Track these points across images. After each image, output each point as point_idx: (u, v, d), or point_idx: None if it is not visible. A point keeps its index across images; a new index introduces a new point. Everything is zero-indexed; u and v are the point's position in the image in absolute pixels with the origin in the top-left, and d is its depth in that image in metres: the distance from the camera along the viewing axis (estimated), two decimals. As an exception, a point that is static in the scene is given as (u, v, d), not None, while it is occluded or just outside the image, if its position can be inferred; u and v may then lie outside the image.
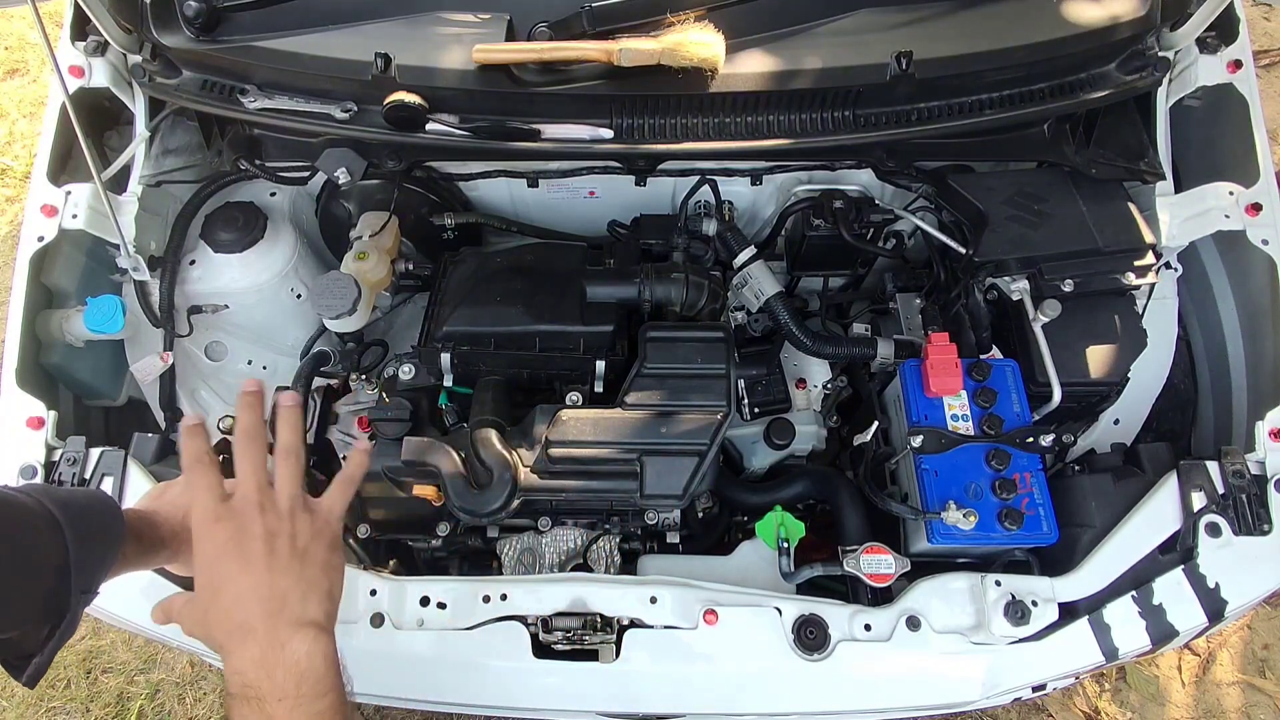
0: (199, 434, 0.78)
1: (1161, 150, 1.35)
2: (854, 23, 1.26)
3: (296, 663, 0.69)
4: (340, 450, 1.27)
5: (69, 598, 0.80)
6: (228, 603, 0.72)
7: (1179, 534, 1.11)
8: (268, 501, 0.76)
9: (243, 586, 0.72)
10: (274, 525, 0.74)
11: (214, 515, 0.75)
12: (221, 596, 0.73)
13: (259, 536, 0.73)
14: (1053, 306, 1.23)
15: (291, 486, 0.78)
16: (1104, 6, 1.27)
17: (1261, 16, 3.20)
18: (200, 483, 0.76)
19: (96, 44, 1.37)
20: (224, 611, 0.72)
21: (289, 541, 0.74)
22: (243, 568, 0.72)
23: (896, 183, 1.42)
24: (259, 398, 0.81)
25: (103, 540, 0.86)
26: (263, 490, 0.76)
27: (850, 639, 1.08)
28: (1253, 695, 1.97)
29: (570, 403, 1.20)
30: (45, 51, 1.39)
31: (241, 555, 0.73)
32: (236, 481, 0.77)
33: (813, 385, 1.47)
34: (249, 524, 0.74)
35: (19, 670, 0.78)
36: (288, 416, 0.82)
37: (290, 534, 0.75)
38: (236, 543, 0.73)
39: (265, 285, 1.43)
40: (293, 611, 0.72)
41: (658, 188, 1.50)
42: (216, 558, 0.74)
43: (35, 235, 1.28)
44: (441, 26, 1.26)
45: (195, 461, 0.77)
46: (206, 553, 0.75)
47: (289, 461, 0.79)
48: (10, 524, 0.77)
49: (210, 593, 0.74)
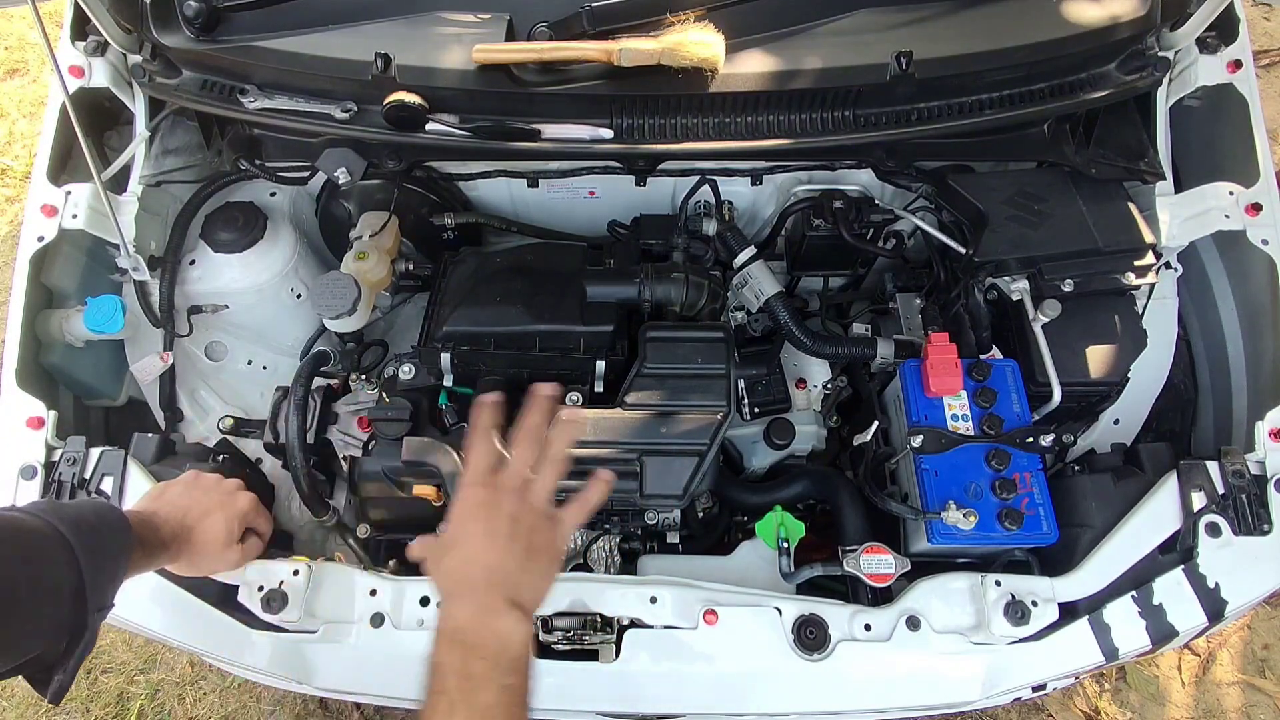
0: (496, 411, 0.89)
1: (1161, 150, 1.35)
2: (854, 23, 1.26)
3: (501, 634, 0.75)
4: (341, 450, 1.27)
5: (87, 616, 0.81)
6: (462, 556, 0.80)
7: (1179, 534, 1.11)
8: (526, 491, 0.83)
9: (479, 549, 0.79)
10: (521, 512, 0.81)
11: (481, 480, 0.83)
12: (460, 549, 0.80)
13: (507, 515, 0.80)
14: (1053, 306, 1.23)
15: (547, 490, 0.84)
16: (1104, 6, 1.27)
17: (1262, 16, 3.20)
18: (481, 448, 0.85)
19: (96, 44, 1.37)
20: (458, 562, 0.80)
21: (528, 532, 0.81)
22: (485, 534, 0.79)
23: (896, 183, 1.42)
24: (551, 404, 0.89)
25: (113, 555, 0.88)
26: (526, 480, 0.84)
27: (850, 639, 1.08)
28: (1253, 695, 1.97)
29: (570, 403, 1.20)
30: (45, 51, 1.39)
31: (488, 523, 0.80)
32: (508, 463, 0.85)
33: (813, 385, 1.48)
34: (504, 501, 0.81)
35: (43, 685, 0.80)
36: (565, 430, 0.90)
37: (531, 526, 0.81)
38: (489, 511, 0.81)
39: (265, 285, 1.43)
40: (510, 589, 0.78)
41: (658, 188, 1.50)
42: (469, 516, 0.81)
43: (35, 235, 1.28)
44: (441, 26, 1.26)
45: (484, 430, 0.87)
46: (462, 509, 0.82)
47: (554, 469, 0.86)
48: (25, 551, 0.79)
49: (452, 542, 0.81)
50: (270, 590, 1.09)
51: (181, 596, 1.11)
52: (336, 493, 1.35)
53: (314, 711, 1.95)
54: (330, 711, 1.95)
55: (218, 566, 1.09)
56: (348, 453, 1.26)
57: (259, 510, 1.15)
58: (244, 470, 1.29)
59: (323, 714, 1.95)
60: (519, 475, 0.84)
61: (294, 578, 1.10)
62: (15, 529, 0.79)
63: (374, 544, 1.35)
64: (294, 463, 1.21)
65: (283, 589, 1.09)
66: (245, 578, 1.10)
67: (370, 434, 1.24)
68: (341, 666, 1.10)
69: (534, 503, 0.83)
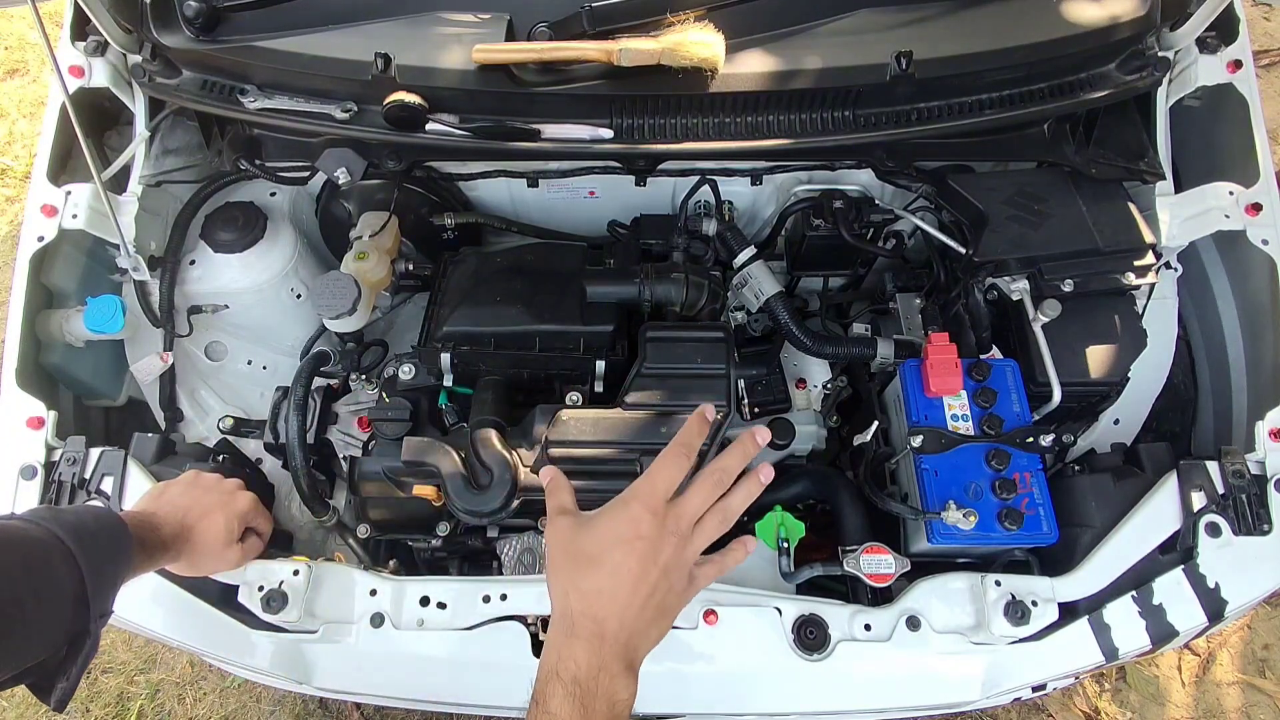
0: (707, 426, 0.82)
1: (1161, 150, 1.35)
2: (854, 23, 1.26)
3: (616, 699, 0.71)
4: (341, 450, 1.27)
5: (89, 623, 0.81)
6: (602, 591, 0.74)
7: (1179, 534, 1.11)
8: (687, 542, 0.77)
9: (622, 593, 0.73)
10: (674, 566, 0.76)
11: (655, 507, 0.76)
12: (603, 577, 0.74)
13: (662, 566, 0.74)
14: (1053, 306, 1.22)
15: (703, 546, 0.79)
16: (1104, 6, 1.27)
17: (1262, 16, 3.20)
18: (671, 468, 0.78)
19: (96, 44, 1.37)
20: (594, 593, 0.74)
21: (667, 591, 0.76)
22: (636, 577, 0.74)
23: (896, 183, 1.42)
24: (754, 445, 0.82)
25: (114, 562, 0.88)
26: (691, 526, 0.77)
27: (850, 639, 1.08)
28: (1253, 695, 1.97)
29: (570, 403, 1.20)
30: (45, 51, 1.39)
31: (642, 566, 0.74)
32: (684, 499, 0.78)
33: (813, 385, 1.47)
34: (666, 545, 0.75)
35: (46, 693, 0.80)
36: (753, 488, 0.82)
37: (671, 586, 0.76)
38: (648, 550, 0.74)
39: (265, 285, 1.43)
40: (633, 651, 0.74)
41: (658, 188, 1.50)
42: (628, 545, 0.74)
43: (35, 235, 1.28)
44: (441, 26, 1.26)
45: (685, 449, 0.79)
46: (622, 527, 0.75)
47: (721, 527, 0.80)
48: (27, 560, 0.79)
49: (597, 558, 0.75)
50: (270, 590, 1.09)
51: (181, 596, 1.11)
52: (336, 493, 1.35)
53: (314, 711, 1.95)
54: (330, 711, 1.95)
55: (218, 566, 1.09)
56: (348, 453, 1.26)
57: (259, 510, 1.15)
58: (244, 470, 1.29)
59: (323, 714, 1.95)
60: (690, 520, 0.78)
61: (294, 578, 1.10)
62: (16, 538, 0.79)
63: (374, 544, 1.35)
64: (294, 463, 1.21)
65: (283, 589, 1.09)
66: (245, 578, 1.10)
67: (370, 434, 1.24)
68: (341, 666, 1.10)
69: (688, 558, 0.77)
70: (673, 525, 0.76)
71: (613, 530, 0.76)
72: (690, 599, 0.80)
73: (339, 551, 1.30)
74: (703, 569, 0.81)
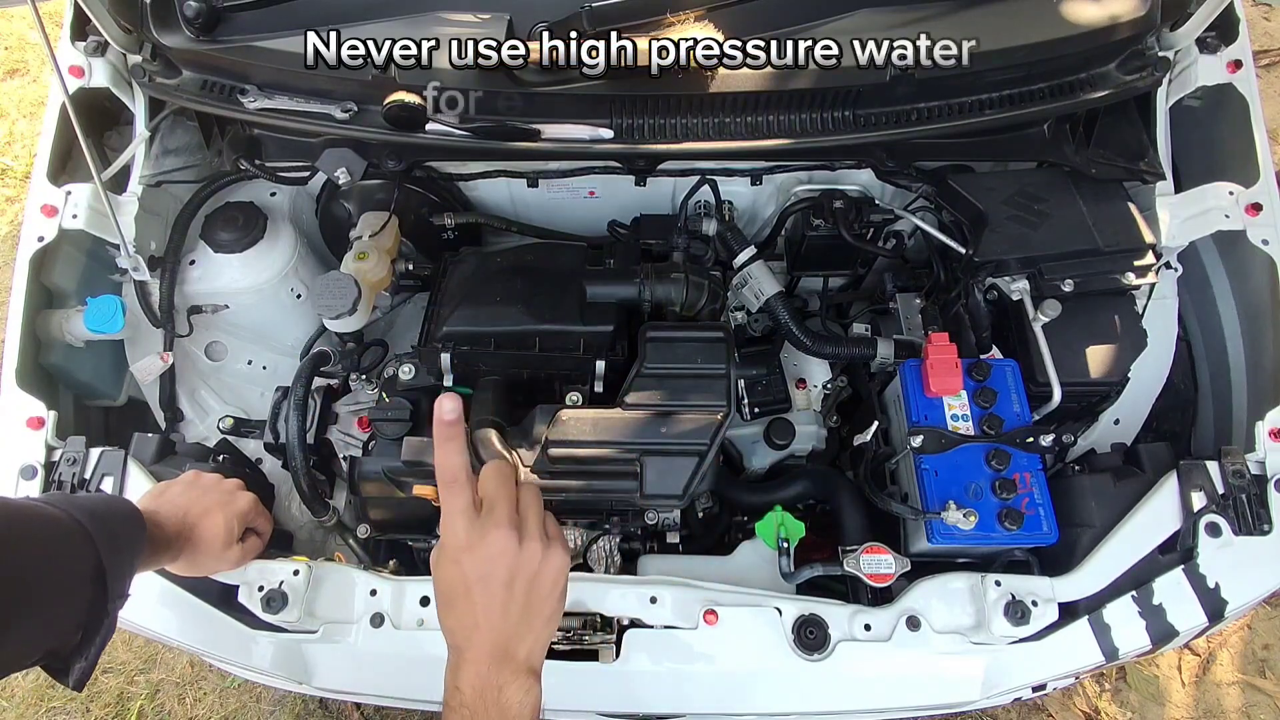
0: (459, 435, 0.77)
1: (1161, 150, 1.35)
2: (854, 23, 1.26)
3: (508, 707, 0.72)
4: (341, 450, 1.27)
5: (106, 604, 0.82)
6: (459, 624, 0.75)
7: (1179, 534, 1.11)
8: (516, 542, 0.76)
9: (472, 609, 0.75)
10: (517, 570, 0.75)
11: (461, 548, 0.75)
12: (455, 613, 0.76)
13: (501, 582, 0.75)
14: (1053, 306, 1.22)
15: (537, 524, 0.78)
16: (1104, 6, 1.27)
17: (1261, 16, 3.20)
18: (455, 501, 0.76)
19: (96, 44, 1.37)
20: (455, 625, 0.76)
21: (526, 589, 0.76)
22: (481, 607, 0.75)
23: (896, 183, 1.42)
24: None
25: (130, 544, 0.89)
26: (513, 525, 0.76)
27: (850, 639, 1.08)
28: (1253, 695, 1.97)
29: (570, 403, 1.20)
30: (45, 51, 1.39)
31: (484, 595, 0.75)
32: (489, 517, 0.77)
33: (813, 385, 1.48)
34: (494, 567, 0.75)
35: (64, 674, 0.80)
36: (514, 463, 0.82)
37: (529, 580, 0.76)
38: (478, 586, 0.75)
39: (265, 285, 1.43)
40: (516, 659, 0.75)
41: (658, 188, 1.50)
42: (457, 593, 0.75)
43: (35, 235, 1.28)
44: (441, 26, 1.26)
45: (453, 471, 0.76)
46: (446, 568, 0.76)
47: (533, 497, 0.80)
48: (47, 539, 0.79)
49: (448, 600, 0.76)
50: (270, 590, 1.09)
51: (182, 596, 1.11)
52: (336, 493, 1.35)
53: (314, 711, 1.95)
54: (330, 711, 1.95)
55: (218, 566, 1.09)
56: (348, 453, 1.26)
57: (259, 510, 1.15)
58: (244, 470, 1.29)
59: (323, 714, 1.95)
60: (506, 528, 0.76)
61: (294, 578, 1.10)
62: (37, 519, 0.79)
63: (374, 544, 1.35)
64: (294, 463, 1.21)
65: (283, 589, 1.09)
66: (245, 578, 1.10)
67: (370, 434, 1.24)
68: (341, 666, 1.10)
69: (528, 553, 0.76)
70: (489, 546, 0.75)
71: (446, 572, 0.77)
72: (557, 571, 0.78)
73: (339, 551, 1.30)
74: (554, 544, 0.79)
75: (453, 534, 0.76)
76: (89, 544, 0.81)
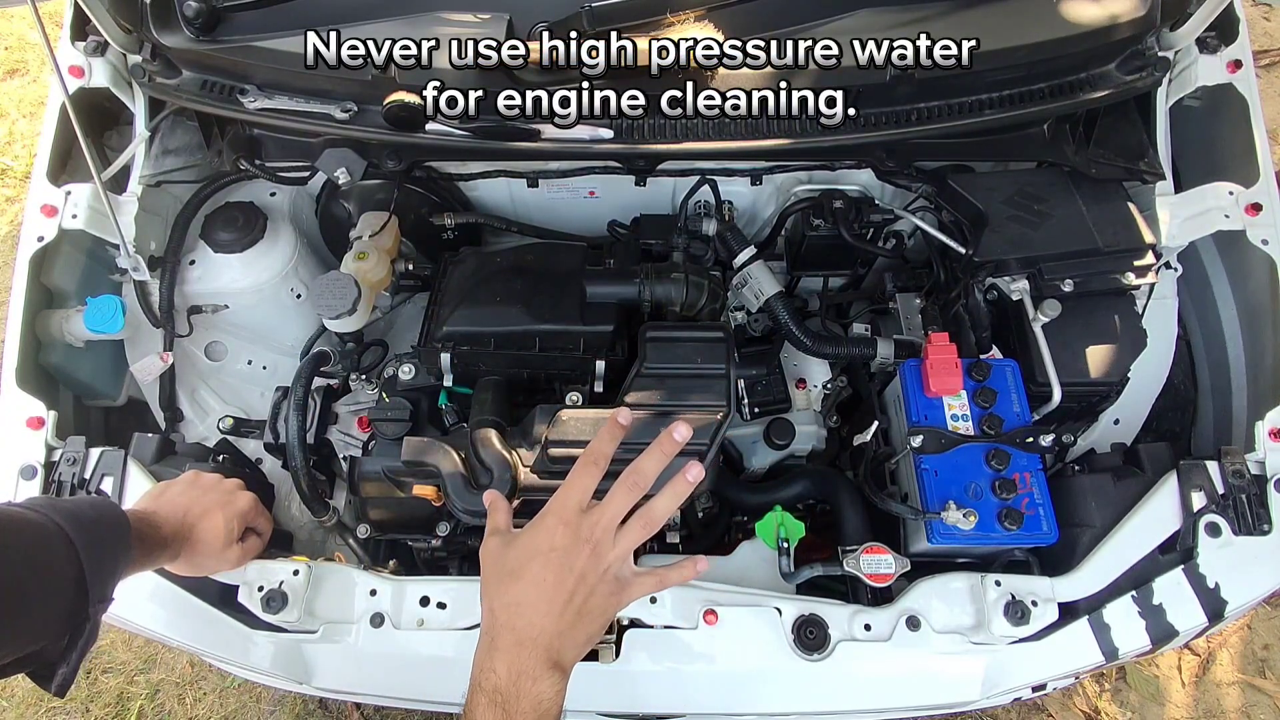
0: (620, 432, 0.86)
1: (1161, 150, 1.35)
2: (854, 23, 1.26)
3: (541, 699, 0.74)
4: (341, 450, 1.27)
5: (88, 608, 0.82)
6: (519, 603, 0.77)
7: (1179, 534, 1.11)
8: (604, 549, 0.79)
9: (538, 604, 0.77)
10: (591, 573, 0.79)
11: (568, 519, 0.79)
12: (519, 589, 0.78)
13: (578, 574, 0.78)
14: (1053, 306, 1.23)
15: (627, 551, 0.81)
16: (1104, 6, 1.27)
17: (1261, 16, 3.20)
18: (584, 479, 0.82)
19: (96, 44, 1.37)
20: (512, 605, 0.77)
21: (588, 594, 0.79)
22: (551, 587, 0.77)
23: (896, 183, 1.42)
24: (673, 445, 0.85)
25: (112, 549, 0.88)
26: (610, 536, 0.80)
27: (850, 639, 1.08)
28: (1253, 695, 1.97)
29: (570, 403, 1.20)
30: (45, 51, 1.39)
31: (558, 577, 0.77)
32: (599, 506, 0.81)
33: (813, 385, 1.47)
34: (580, 554, 0.78)
35: (47, 680, 0.80)
36: (680, 489, 0.84)
37: (593, 589, 0.79)
38: (563, 560, 0.78)
39: (265, 285, 1.43)
40: (555, 652, 0.77)
41: (658, 188, 1.50)
42: (542, 557, 0.78)
43: (35, 235, 1.28)
44: (441, 27, 1.26)
45: (598, 457, 0.84)
46: (538, 543, 0.79)
47: (645, 531, 0.82)
48: (26, 543, 0.79)
49: (517, 572, 0.79)
50: (270, 590, 1.09)
51: (181, 596, 1.11)
52: (336, 493, 1.35)
53: (314, 711, 1.95)
54: (330, 711, 1.95)
55: (218, 566, 1.09)
56: (348, 453, 1.26)
57: (259, 510, 1.15)
58: (244, 470, 1.29)
59: (323, 714, 1.95)
60: (605, 526, 0.80)
61: (294, 578, 1.10)
62: (16, 524, 0.79)
63: (374, 544, 1.35)
64: (294, 463, 1.21)
65: (283, 589, 1.09)
66: (245, 578, 1.10)
67: (370, 434, 1.24)
68: (341, 666, 1.10)
69: (608, 565, 0.79)
70: (586, 533, 0.79)
71: (530, 545, 0.80)
72: (624, 603, 0.82)
73: (339, 551, 1.30)
74: (641, 578, 0.84)
75: (563, 507, 0.79)
76: (69, 548, 0.81)
